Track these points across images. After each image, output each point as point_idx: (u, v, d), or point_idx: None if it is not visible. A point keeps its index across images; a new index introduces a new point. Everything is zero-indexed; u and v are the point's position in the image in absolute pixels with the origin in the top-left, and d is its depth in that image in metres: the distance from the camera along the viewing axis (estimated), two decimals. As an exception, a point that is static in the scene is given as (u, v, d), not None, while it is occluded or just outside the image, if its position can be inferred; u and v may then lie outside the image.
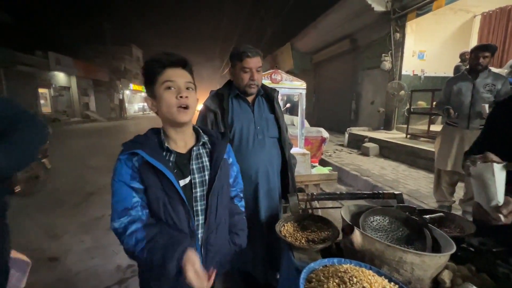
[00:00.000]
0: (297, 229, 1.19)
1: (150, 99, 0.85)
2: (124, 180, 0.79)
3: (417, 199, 3.02)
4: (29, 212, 3.16)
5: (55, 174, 4.78)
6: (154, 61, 0.83)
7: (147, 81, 0.84)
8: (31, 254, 2.26)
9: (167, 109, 0.82)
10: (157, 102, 0.83)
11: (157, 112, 0.85)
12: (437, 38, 6.62)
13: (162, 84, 0.81)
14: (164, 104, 0.81)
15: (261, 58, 1.45)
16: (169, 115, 0.82)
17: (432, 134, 5.23)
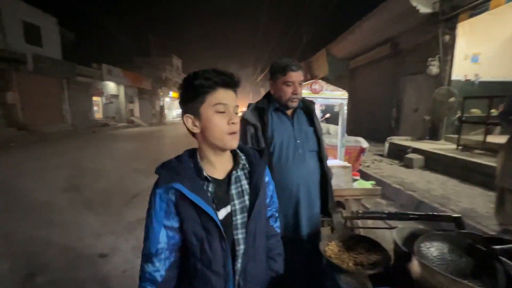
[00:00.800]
0: (343, 250, 1.13)
1: (191, 118, 0.75)
2: (158, 218, 0.74)
3: (474, 219, 2.69)
4: (79, 209, 3.51)
5: (104, 175, 5.27)
6: (204, 78, 0.72)
7: (190, 97, 0.74)
8: (84, 249, 2.52)
9: (218, 135, 0.74)
10: (202, 123, 0.75)
11: (198, 133, 0.77)
12: (494, 39, 5.94)
13: (213, 105, 0.73)
14: (214, 129, 0.74)
15: (302, 72, 1.44)
16: (219, 141, 0.75)
17: (489, 146, 4.66)
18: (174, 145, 10.16)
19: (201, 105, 0.73)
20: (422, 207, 3.26)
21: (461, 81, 6.00)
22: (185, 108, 0.76)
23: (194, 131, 0.76)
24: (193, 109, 0.74)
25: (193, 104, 0.74)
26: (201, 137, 0.77)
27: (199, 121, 0.74)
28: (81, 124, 14.33)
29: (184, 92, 0.76)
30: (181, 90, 0.77)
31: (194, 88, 0.73)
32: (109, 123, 16.99)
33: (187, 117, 0.75)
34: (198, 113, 0.74)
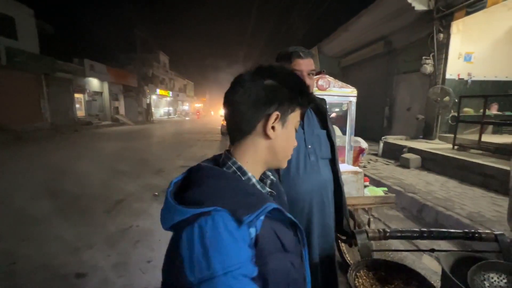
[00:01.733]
0: (375, 283, 0.91)
1: (278, 118, 0.59)
2: (246, 271, 0.46)
3: (482, 224, 2.56)
4: (54, 220, 3.13)
5: (84, 178, 4.87)
6: (308, 95, 0.64)
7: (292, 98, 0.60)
8: (58, 268, 2.20)
9: (288, 150, 0.64)
10: (283, 131, 0.61)
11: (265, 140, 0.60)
12: (487, 38, 5.97)
13: (296, 121, 0.64)
14: (289, 142, 0.63)
15: (315, 60, 1.20)
16: (281, 158, 0.63)
17: (485, 145, 4.63)
18: (161, 145, 9.75)
19: (291, 113, 0.61)
20: (426, 211, 3.13)
21: (455, 80, 5.99)
22: (274, 105, 0.58)
23: (270, 134, 0.59)
24: (284, 111, 0.60)
25: (287, 106, 0.60)
26: (265, 145, 0.60)
27: (282, 127, 0.60)
28: (62, 123, 13.55)
29: (283, 88, 0.60)
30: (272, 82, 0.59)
31: (299, 93, 0.62)
32: (92, 121, 16.20)
33: (275, 114, 0.58)
34: (286, 119, 0.61)
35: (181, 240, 0.45)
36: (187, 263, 0.44)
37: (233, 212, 0.46)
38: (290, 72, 0.63)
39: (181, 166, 5.90)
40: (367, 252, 1.08)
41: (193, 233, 0.44)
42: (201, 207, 0.46)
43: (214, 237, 0.44)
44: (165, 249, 0.49)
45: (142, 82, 23.46)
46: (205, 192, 0.49)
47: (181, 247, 0.45)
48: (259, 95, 0.57)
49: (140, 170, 5.49)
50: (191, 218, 0.45)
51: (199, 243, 0.44)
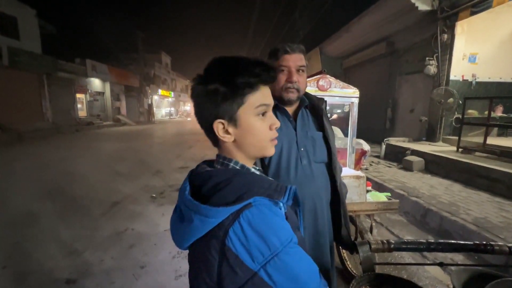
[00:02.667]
0: (379, 301, 0.83)
1: (223, 124, 0.57)
2: (295, 239, 0.51)
3: (490, 231, 2.47)
4: (49, 222, 3.07)
5: (82, 179, 4.81)
6: (250, 74, 0.55)
7: (225, 98, 0.55)
8: (48, 273, 2.13)
9: (259, 143, 0.60)
10: (238, 129, 0.58)
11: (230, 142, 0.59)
12: (492, 39, 5.86)
13: (254, 108, 0.57)
14: (256, 136, 0.59)
15: (304, 56, 1.12)
16: (258, 150, 0.61)
17: (489, 148, 4.52)
18: (162, 146, 9.70)
19: (239, 107, 0.56)
20: (430, 216, 3.04)
21: (459, 81, 5.88)
22: (215, 111, 0.56)
23: (226, 139, 0.58)
24: (228, 112, 0.56)
25: (229, 106, 0.56)
26: (232, 146, 0.60)
27: (235, 128, 0.58)
28: (63, 123, 13.56)
29: (217, 91, 0.55)
30: (209, 88, 0.55)
31: (234, 87, 0.55)
32: (94, 121, 16.21)
33: (218, 123, 0.57)
34: (235, 117, 0.57)
35: (229, 239, 0.47)
36: (244, 255, 0.46)
37: (270, 197, 0.52)
38: (224, 64, 0.57)
39: (180, 167, 5.84)
40: (369, 265, 0.99)
41: (242, 227, 0.47)
42: (241, 202, 0.48)
43: (263, 220, 0.48)
44: (160, 255, 0.51)
45: (144, 83, 23.50)
46: (237, 189, 0.51)
47: (231, 245, 0.46)
48: (202, 105, 0.57)
49: (139, 171, 5.43)
50: (233, 216, 0.47)
51: (252, 232, 0.46)
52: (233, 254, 0.46)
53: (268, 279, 0.46)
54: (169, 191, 4.12)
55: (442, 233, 2.77)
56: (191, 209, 0.51)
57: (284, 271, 0.46)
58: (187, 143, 10.19)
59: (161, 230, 2.84)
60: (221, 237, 0.47)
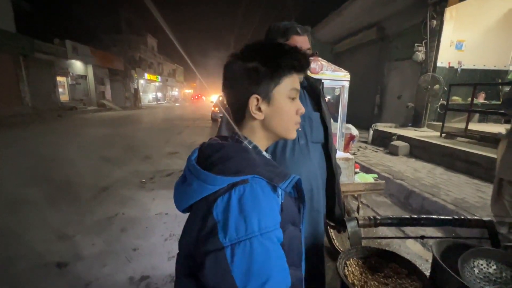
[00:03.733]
0: (365, 272, 0.88)
1: (259, 100, 0.59)
2: (278, 235, 0.50)
3: (467, 210, 2.63)
4: (40, 206, 3.02)
5: (69, 164, 4.69)
6: (294, 58, 0.59)
7: (266, 75, 0.58)
8: (38, 257, 2.11)
9: (286, 124, 0.62)
10: (270, 108, 0.60)
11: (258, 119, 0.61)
12: (479, 26, 5.96)
13: (288, 90, 0.60)
14: (285, 116, 0.62)
15: (310, 38, 1.12)
16: (283, 131, 0.63)
17: (471, 133, 4.72)
18: (151, 131, 9.51)
19: (275, 86, 0.59)
20: (413, 197, 3.19)
21: (445, 68, 6.01)
22: (253, 88, 0.58)
23: (257, 116, 0.60)
24: (264, 90, 0.59)
25: (266, 84, 0.58)
26: (258, 125, 0.62)
27: (267, 106, 0.60)
28: (44, 107, 12.96)
29: (257, 69, 0.58)
30: (249, 65, 0.58)
31: (275, 67, 0.58)
32: (77, 106, 15.57)
33: (253, 98, 0.59)
34: (269, 96, 0.59)
35: (216, 205, 0.47)
36: (221, 226, 0.46)
37: (270, 179, 0.51)
38: (267, 46, 0.62)
39: (169, 153, 5.78)
40: (357, 240, 1.05)
41: (230, 198, 0.47)
42: (240, 175, 0.49)
43: (253, 200, 0.47)
44: (152, 238, 0.49)
45: (129, 66, 22.58)
46: (240, 163, 0.52)
47: (215, 212, 0.47)
48: (239, 81, 0.59)
49: (127, 157, 5.34)
50: (228, 187, 0.48)
51: (237, 207, 0.46)
52: (213, 220, 0.46)
53: (230, 259, 0.44)
54: (159, 176, 4.10)
55: (424, 213, 2.92)
56: (193, 173, 0.53)
57: (248, 258, 0.45)
58: (176, 128, 10.03)
59: (153, 214, 2.85)
60: (210, 203, 0.48)
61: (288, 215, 0.57)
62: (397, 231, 2.46)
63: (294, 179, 0.57)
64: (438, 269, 0.82)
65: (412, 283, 0.81)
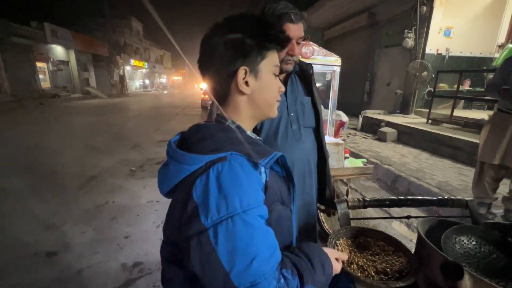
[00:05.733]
0: (354, 249, 0.92)
1: (247, 72, 0.57)
2: (262, 212, 0.48)
3: (449, 192, 2.75)
4: (25, 196, 2.94)
5: (54, 154, 4.55)
6: (281, 31, 0.60)
7: (256, 47, 0.56)
8: (26, 247, 2.08)
9: (271, 101, 0.62)
10: (258, 83, 0.59)
11: (245, 95, 0.59)
12: (467, 13, 5.99)
13: (272, 66, 0.60)
14: (269, 91, 0.60)
15: (304, 25, 1.10)
16: (267, 109, 0.62)
17: (456, 119, 4.86)
18: (139, 119, 9.28)
19: (262, 60, 0.58)
20: (399, 181, 3.29)
21: (433, 55, 6.07)
22: (239, 60, 0.56)
23: (244, 90, 0.57)
24: (251, 63, 0.57)
25: (253, 57, 0.57)
26: (244, 101, 0.60)
27: (255, 80, 0.58)
28: (24, 95, 12.36)
29: (243, 41, 0.55)
30: (232, 37, 0.55)
31: (262, 39, 0.57)
32: (59, 93, 14.91)
33: (242, 70, 0.56)
34: (257, 69, 0.58)
35: (195, 187, 0.45)
36: (202, 207, 0.44)
37: (249, 157, 0.49)
38: (251, 18, 0.59)
39: (158, 141, 5.69)
40: (346, 220, 1.08)
41: (208, 178, 0.45)
42: (217, 153, 0.47)
43: (232, 177, 0.45)
44: (143, 225, 0.48)
45: (114, 51, 21.64)
46: (218, 142, 0.51)
47: (195, 194, 0.45)
48: (222, 53, 0.55)
49: (115, 146, 5.22)
50: (206, 166, 0.46)
51: (216, 185, 0.44)
52: (193, 203, 0.45)
53: (214, 239, 0.43)
54: (149, 164, 4.05)
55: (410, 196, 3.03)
56: (170, 154, 0.52)
57: (232, 237, 0.43)
58: (165, 116, 9.84)
59: (144, 202, 2.83)
60: (189, 185, 0.47)
61: (275, 194, 0.55)
62: (385, 213, 2.55)
63: (275, 155, 0.54)
64: (422, 245, 0.86)
65: (398, 259, 0.85)
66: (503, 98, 2.06)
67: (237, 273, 0.42)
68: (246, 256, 0.43)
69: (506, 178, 2.33)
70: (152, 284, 1.71)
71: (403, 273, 0.78)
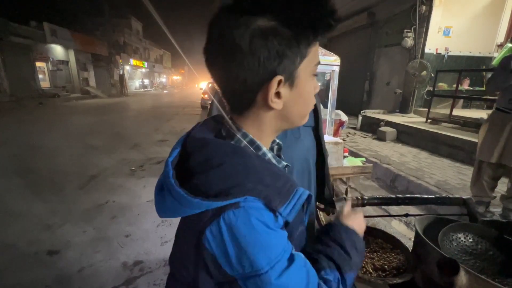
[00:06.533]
0: (353, 247, 0.93)
1: (281, 83, 0.40)
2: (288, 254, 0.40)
3: (448, 191, 2.76)
4: (25, 196, 2.95)
5: (55, 153, 4.56)
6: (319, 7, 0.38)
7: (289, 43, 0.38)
8: (27, 246, 2.09)
9: (304, 109, 0.46)
10: (294, 92, 0.42)
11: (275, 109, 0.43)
12: (466, 12, 6.00)
13: (313, 66, 0.43)
14: (305, 99, 0.45)
15: None
16: (298, 119, 0.46)
17: (455, 119, 4.88)
18: (139, 119, 9.29)
19: (302, 61, 0.40)
20: (398, 180, 3.31)
21: (433, 54, 6.08)
22: (272, 62, 0.38)
23: (276, 106, 0.41)
24: (289, 67, 0.39)
25: (294, 57, 0.39)
26: (272, 117, 0.44)
27: (290, 89, 0.42)
28: (24, 94, 12.35)
29: (280, 28, 0.37)
30: (260, 25, 0.36)
31: (306, 27, 0.38)
32: (59, 93, 14.92)
33: (276, 80, 0.39)
34: (294, 75, 0.41)
35: (205, 238, 0.37)
36: (222, 260, 0.37)
37: (267, 202, 0.38)
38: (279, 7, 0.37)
39: (159, 141, 5.70)
40: (345, 219, 1.10)
41: (220, 231, 0.36)
42: (227, 199, 0.36)
43: (249, 231, 0.36)
44: (144, 224, 0.44)
45: (113, 51, 21.64)
46: (228, 176, 0.38)
47: (208, 246, 0.37)
48: (246, 51, 0.37)
49: (115, 145, 5.23)
50: (213, 212, 0.36)
51: (231, 242, 0.36)
52: (209, 254, 0.38)
53: None
54: (149, 164, 4.06)
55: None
56: (166, 186, 0.40)
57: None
58: (165, 116, 9.85)
59: (144, 201, 2.84)
60: (197, 233, 0.38)
61: (296, 222, 0.45)
62: (384, 212, 2.57)
63: (302, 196, 0.42)
64: (420, 242, 0.87)
65: (396, 256, 0.86)
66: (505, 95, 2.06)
67: None
68: None
69: (504, 176, 2.35)
70: (152, 282, 1.73)
71: (401, 270, 0.79)
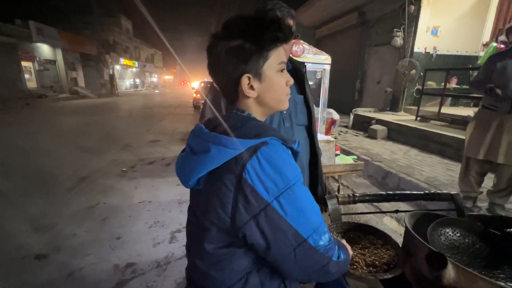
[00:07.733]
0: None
1: (250, 79, 0.59)
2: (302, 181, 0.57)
3: (437, 187, 2.83)
4: (12, 198, 2.86)
5: (44, 154, 4.45)
6: (280, 30, 0.57)
7: (254, 52, 0.57)
8: (14, 251, 2.03)
9: (279, 97, 0.63)
10: (263, 84, 0.60)
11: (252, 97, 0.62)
12: (454, 12, 6.15)
13: (277, 64, 0.60)
14: (276, 89, 0.62)
15: (294, 22, 1.11)
16: (277, 104, 0.64)
17: (443, 116, 4.99)
18: (130, 119, 9.14)
19: (265, 63, 0.59)
20: (389, 177, 3.36)
21: (421, 53, 6.20)
22: (242, 67, 0.58)
23: (250, 95, 0.60)
24: (254, 68, 0.58)
25: (255, 62, 0.58)
26: (253, 102, 0.63)
27: (259, 83, 0.60)
28: (9, 95, 11.99)
29: (242, 47, 0.57)
30: (233, 44, 0.57)
31: (261, 42, 0.57)
32: (46, 93, 14.53)
33: (245, 78, 0.59)
34: (260, 72, 0.59)
35: (246, 171, 0.50)
36: (260, 187, 0.50)
37: (283, 141, 0.57)
38: (249, 20, 0.58)
39: (150, 141, 5.62)
40: (337, 216, 1.11)
41: (259, 160, 0.51)
42: (260, 138, 0.52)
43: (279, 157, 0.53)
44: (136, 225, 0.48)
45: (102, 50, 21.20)
46: (254, 129, 0.55)
47: (248, 177, 0.50)
48: (225, 62, 0.58)
49: (106, 146, 5.13)
50: (250, 151, 0.51)
51: (268, 165, 0.51)
52: (249, 186, 0.50)
53: (280, 209, 0.51)
54: (141, 165, 4.00)
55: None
56: (208, 140, 0.54)
57: (295, 202, 0.52)
58: (156, 116, 9.73)
59: (135, 202, 2.80)
60: (238, 171, 0.51)
61: None
62: (375, 209, 2.60)
63: (299, 142, 0.62)
64: (409, 237, 0.89)
65: (387, 251, 0.88)
66: (490, 96, 2.12)
67: (303, 227, 0.52)
68: (306, 212, 0.53)
69: (491, 172, 2.42)
70: (145, 284, 1.70)
71: (391, 265, 0.81)
